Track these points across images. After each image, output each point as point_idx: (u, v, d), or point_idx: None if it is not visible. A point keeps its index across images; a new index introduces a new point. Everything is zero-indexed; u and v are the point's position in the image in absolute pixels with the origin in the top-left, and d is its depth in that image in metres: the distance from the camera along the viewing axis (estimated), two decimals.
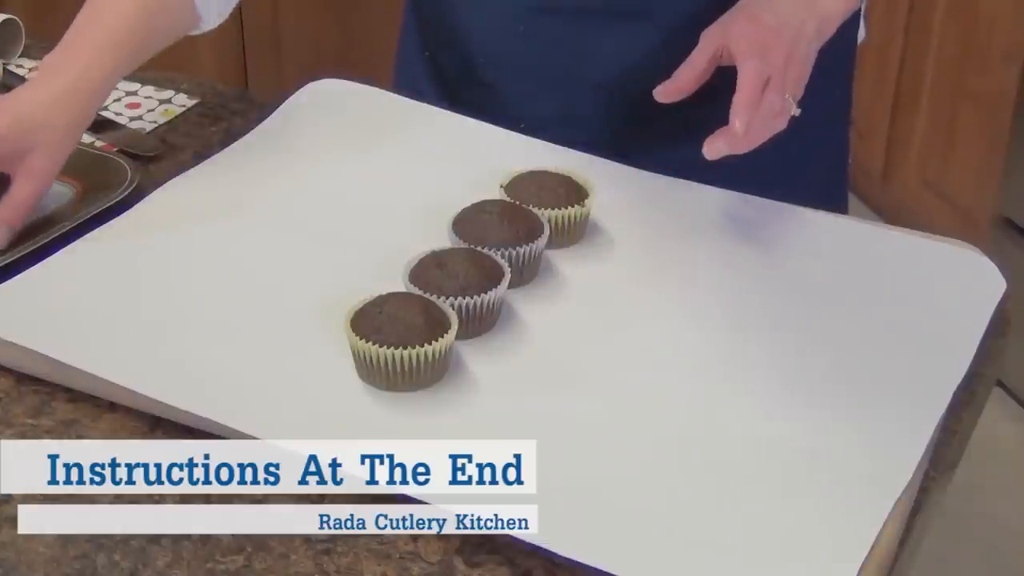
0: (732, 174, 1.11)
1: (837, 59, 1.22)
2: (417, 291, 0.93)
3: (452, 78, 1.25)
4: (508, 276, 0.95)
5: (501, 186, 1.05)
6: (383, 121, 1.19)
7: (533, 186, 1.05)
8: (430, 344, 0.88)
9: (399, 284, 0.94)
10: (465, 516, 0.79)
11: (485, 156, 1.14)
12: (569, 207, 1.03)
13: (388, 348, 0.87)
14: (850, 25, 1.21)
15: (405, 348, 0.87)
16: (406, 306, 0.90)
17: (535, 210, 1.02)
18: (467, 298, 0.92)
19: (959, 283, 1.02)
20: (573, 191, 1.04)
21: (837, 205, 1.18)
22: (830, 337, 0.95)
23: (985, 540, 2.15)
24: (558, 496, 0.81)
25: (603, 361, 0.93)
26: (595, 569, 0.76)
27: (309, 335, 0.93)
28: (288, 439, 0.84)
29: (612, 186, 1.09)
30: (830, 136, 1.29)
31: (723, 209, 1.10)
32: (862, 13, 1.25)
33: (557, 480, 0.82)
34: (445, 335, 0.88)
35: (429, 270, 0.94)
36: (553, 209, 1.03)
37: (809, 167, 1.22)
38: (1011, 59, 2.34)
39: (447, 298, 0.92)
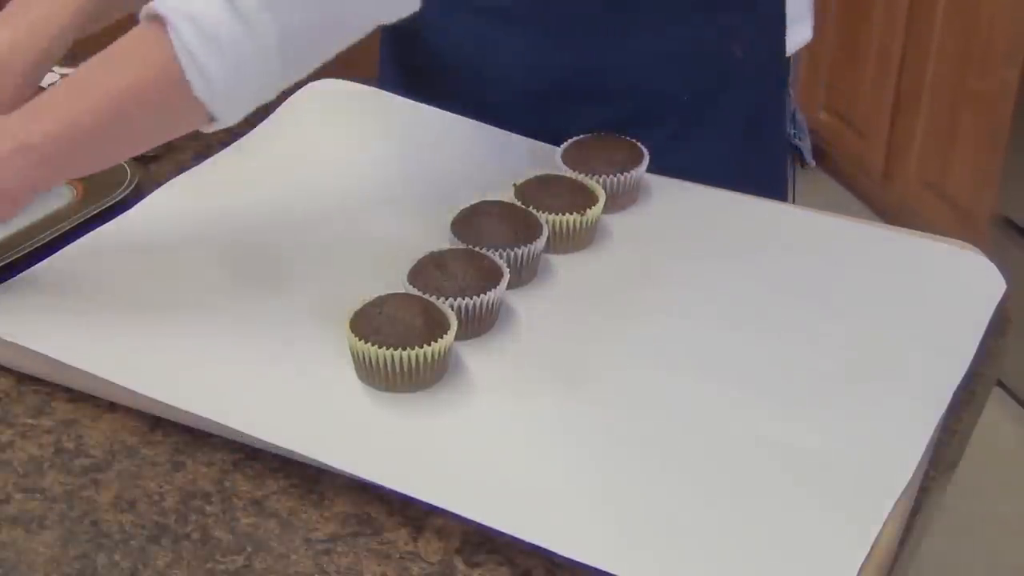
0: (680, 175, 1.12)
1: (763, 62, 1.22)
2: (416, 292, 0.93)
3: (421, 83, 1.24)
4: (507, 276, 0.95)
5: (514, 185, 1.05)
6: (383, 121, 1.19)
7: (541, 190, 1.05)
8: (429, 345, 0.88)
9: (399, 285, 0.94)
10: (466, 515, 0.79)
11: (484, 157, 1.14)
12: (569, 214, 1.02)
13: (387, 349, 0.87)
14: (772, 28, 1.21)
15: (404, 349, 0.87)
16: (405, 307, 0.90)
17: (538, 213, 1.02)
18: (466, 299, 0.92)
19: (959, 283, 1.02)
20: (579, 198, 1.04)
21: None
22: (830, 337, 0.95)
23: (985, 540, 2.15)
24: (558, 496, 0.81)
25: (602, 361, 0.93)
26: (595, 569, 0.76)
27: (309, 335, 0.94)
28: (288, 439, 0.84)
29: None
30: (765, 138, 1.27)
31: (722, 209, 1.10)
32: (809, 10, 1.25)
33: (557, 480, 0.82)
34: (444, 336, 0.88)
35: (428, 271, 0.94)
36: (554, 214, 1.02)
37: (744, 170, 1.22)
38: (1011, 59, 2.34)
39: (446, 299, 0.92)
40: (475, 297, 0.92)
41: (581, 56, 1.15)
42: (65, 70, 1.31)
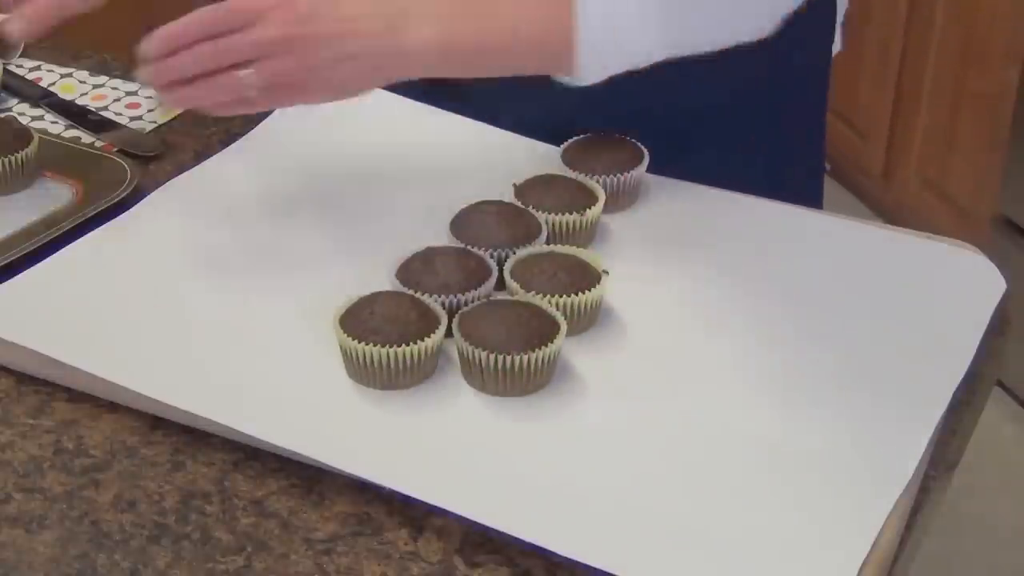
0: (708, 180, 1.11)
1: (811, 70, 1.22)
2: (400, 285, 0.93)
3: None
4: (494, 277, 0.95)
5: (514, 184, 1.05)
6: (382, 120, 1.19)
7: (541, 190, 1.04)
8: (429, 337, 0.88)
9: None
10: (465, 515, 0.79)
11: (484, 157, 1.14)
12: (569, 214, 1.02)
13: (389, 348, 0.87)
14: (824, 36, 1.21)
15: (405, 345, 0.87)
16: (395, 304, 0.90)
17: (538, 213, 1.02)
18: (448, 296, 0.92)
19: (959, 283, 1.02)
20: (579, 198, 1.04)
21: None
22: (830, 337, 0.95)
23: (985, 540, 2.15)
24: (558, 496, 0.81)
25: (599, 359, 0.93)
26: (595, 569, 0.76)
27: (310, 335, 0.93)
28: (287, 439, 0.84)
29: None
30: (806, 146, 1.28)
31: (721, 209, 1.10)
32: (838, 23, 1.25)
33: (557, 479, 0.82)
34: (439, 328, 0.89)
35: (414, 266, 0.94)
36: (554, 214, 1.02)
37: (785, 176, 1.22)
38: (1011, 59, 2.34)
39: (429, 295, 0.92)
40: (456, 296, 0.92)
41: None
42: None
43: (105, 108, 1.26)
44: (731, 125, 1.17)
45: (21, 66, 1.32)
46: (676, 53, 1.01)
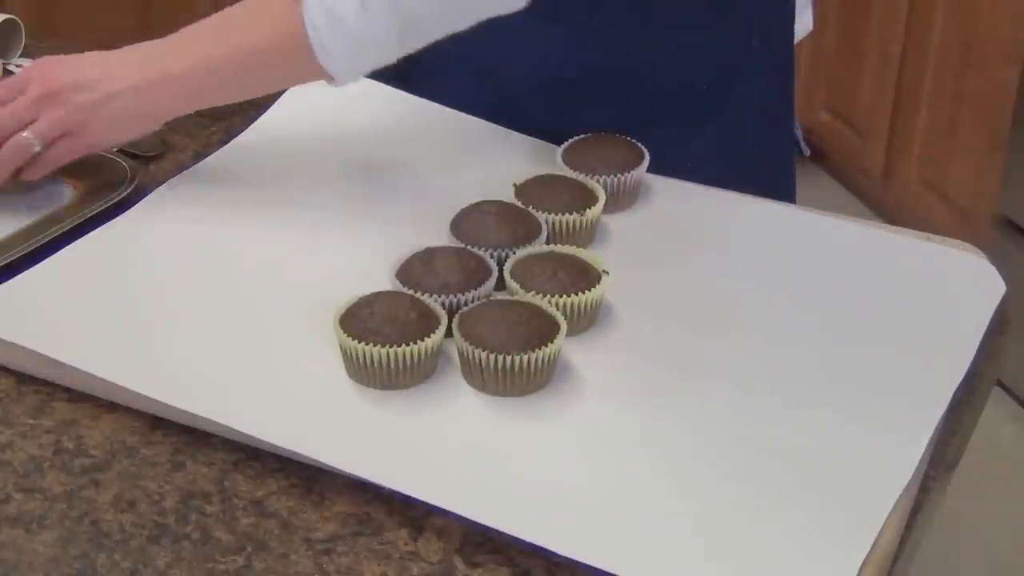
0: (677, 169, 1.11)
1: (776, 52, 1.22)
2: (400, 285, 0.93)
3: (422, 76, 1.23)
4: (494, 277, 0.95)
5: (514, 184, 1.05)
6: (382, 118, 1.19)
7: (541, 190, 1.04)
8: (429, 337, 0.88)
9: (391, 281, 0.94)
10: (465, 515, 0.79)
11: (485, 156, 1.14)
12: (569, 214, 1.02)
13: (389, 347, 0.87)
14: (785, 18, 1.22)
15: (406, 345, 0.87)
16: (394, 304, 0.90)
17: (538, 213, 1.02)
18: (448, 296, 0.92)
19: (959, 283, 1.02)
20: (579, 198, 1.04)
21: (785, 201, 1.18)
22: (830, 337, 0.95)
23: (985, 540, 2.15)
24: (558, 496, 0.81)
25: (598, 360, 0.93)
26: (595, 569, 0.76)
27: (308, 335, 0.93)
28: (287, 439, 0.84)
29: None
30: (775, 128, 1.27)
31: (721, 210, 1.10)
32: (808, 3, 1.25)
33: (557, 479, 0.82)
34: (439, 328, 0.89)
35: (414, 266, 0.95)
36: (554, 214, 1.02)
37: (755, 161, 1.22)
38: (1011, 59, 2.34)
39: (428, 295, 0.92)
40: (456, 296, 0.92)
41: (601, 48, 1.14)
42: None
43: None
44: (688, 105, 1.17)
45: (21, 66, 1.32)
46: (421, 36, 1.02)
